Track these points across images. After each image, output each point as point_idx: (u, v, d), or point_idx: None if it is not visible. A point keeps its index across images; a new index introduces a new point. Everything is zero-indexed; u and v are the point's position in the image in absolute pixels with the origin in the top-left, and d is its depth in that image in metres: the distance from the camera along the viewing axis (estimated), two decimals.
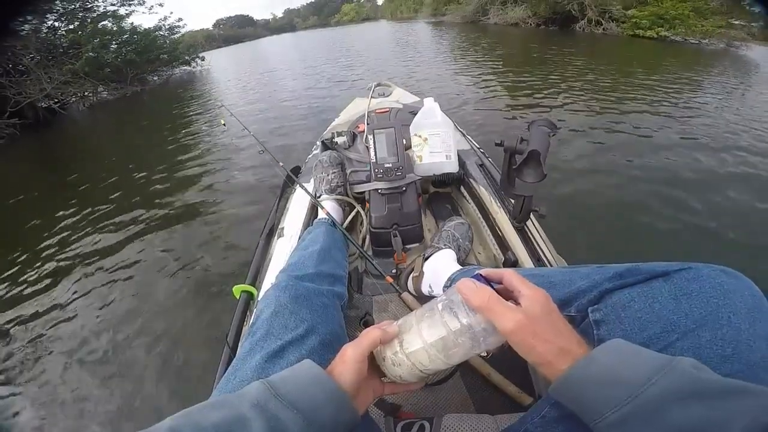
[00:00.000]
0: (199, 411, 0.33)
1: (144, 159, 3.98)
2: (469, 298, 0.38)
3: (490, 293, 0.37)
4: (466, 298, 0.38)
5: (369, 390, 0.43)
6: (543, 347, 0.35)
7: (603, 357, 0.33)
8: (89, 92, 9.14)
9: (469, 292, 0.38)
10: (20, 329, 1.75)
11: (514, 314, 0.35)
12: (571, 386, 0.33)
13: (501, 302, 0.37)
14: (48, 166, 4.47)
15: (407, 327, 0.42)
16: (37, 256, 2.35)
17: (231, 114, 2.07)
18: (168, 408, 1.26)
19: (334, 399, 0.36)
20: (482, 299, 0.37)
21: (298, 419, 0.33)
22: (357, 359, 0.40)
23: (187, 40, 14.56)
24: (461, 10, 16.59)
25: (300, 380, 0.37)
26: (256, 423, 0.32)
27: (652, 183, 2.27)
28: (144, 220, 2.51)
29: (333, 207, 1.09)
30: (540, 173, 0.83)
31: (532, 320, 0.35)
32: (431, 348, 0.39)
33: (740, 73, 5.48)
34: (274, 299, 0.60)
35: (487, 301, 0.37)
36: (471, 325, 0.38)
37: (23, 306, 1.91)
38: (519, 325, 0.35)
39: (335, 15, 69.22)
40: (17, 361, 1.57)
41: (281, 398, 0.34)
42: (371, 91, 1.60)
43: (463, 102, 4.12)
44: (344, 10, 65.56)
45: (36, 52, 8.03)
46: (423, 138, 0.99)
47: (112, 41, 9.82)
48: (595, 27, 10.20)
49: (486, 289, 0.38)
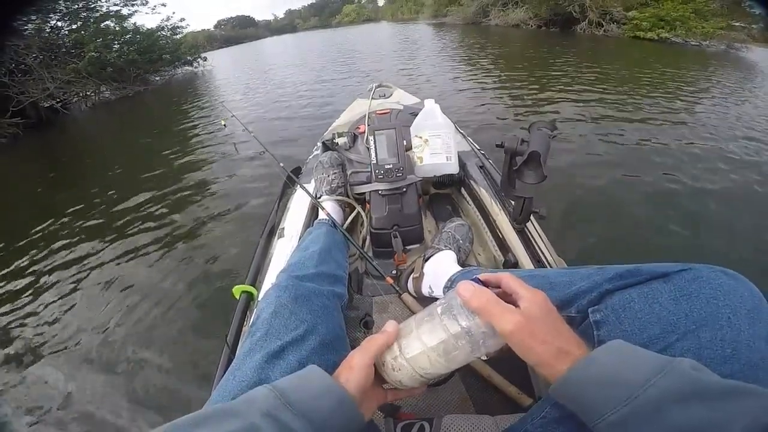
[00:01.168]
0: (208, 420, 0.33)
1: (145, 159, 3.99)
2: (468, 301, 0.38)
3: (489, 295, 0.38)
4: (464, 300, 0.38)
5: (373, 397, 0.43)
6: (542, 348, 0.35)
7: (603, 358, 0.33)
8: (92, 92, 9.18)
9: (467, 295, 0.38)
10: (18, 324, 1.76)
11: (512, 316, 0.36)
12: (570, 387, 0.33)
13: (500, 304, 0.37)
14: (49, 166, 4.46)
15: (407, 331, 0.42)
16: (34, 253, 2.36)
17: (232, 115, 2.07)
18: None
19: (344, 408, 0.36)
20: (481, 301, 0.37)
21: (309, 429, 0.33)
22: (364, 365, 0.40)
23: (189, 41, 14.57)
24: (462, 12, 16.64)
25: (310, 389, 0.37)
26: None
27: (653, 184, 2.27)
28: (142, 222, 2.52)
29: (333, 208, 1.09)
30: (540, 175, 0.83)
31: (531, 321, 0.36)
32: (431, 352, 0.39)
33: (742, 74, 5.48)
34: (275, 299, 0.60)
35: (485, 303, 0.37)
36: (470, 328, 0.38)
37: (21, 301, 1.92)
38: (517, 327, 0.35)
39: (336, 16, 69.42)
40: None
41: (292, 407, 0.34)
42: (372, 93, 1.60)
43: (464, 103, 4.12)
44: (345, 11, 65.76)
45: (39, 51, 8.06)
46: (423, 139, 1.00)
47: (114, 41, 9.87)
48: (596, 29, 10.23)
49: (485, 291, 0.38)
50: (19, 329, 1.75)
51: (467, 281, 0.40)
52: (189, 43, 14.32)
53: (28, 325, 1.76)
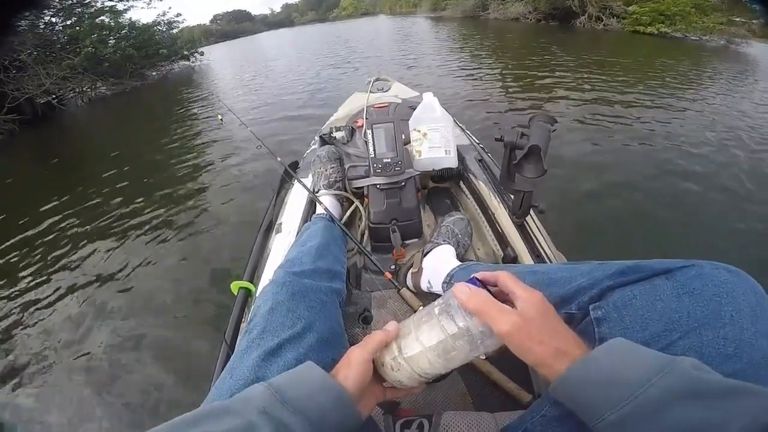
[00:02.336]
0: (205, 418, 0.33)
1: (142, 154, 3.97)
2: (465, 303, 0.38)
3: (485, 296, 0.38)
4: (461, 302, 0.38)
5: (372, 394, 0.43)
6: (539, 349, 0.35)
7: (602, 357, 0.33)
8: (88, 87, 9.12)
9: (464, 297, 0.38)
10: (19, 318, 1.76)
11: (509, 317, 0.36)
12: (569, 387, 0.33)
13: (496, 305, 0.37)
14: (46, 164, 4.46)
15: (405, 332, 0.42)
16: (34, 247, 2.39)
17: (228, 110, 2.05)
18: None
19: (341, 404, 0.36)
20: (477, 303, 0.37)
21: (306, 426, 0.33)
22: (363, 361, 0.40)
23: (185, 36, 14.41)
24: (461, 5, 16.48)
25: (306, 386, 0.37)
26: (264, 430, 0.31)
27: (655, 178, 2.27)
28: (140, 217, 2.52)
29: (331, 202, 1.08)
30: (540, 168, 0.82)
31: (527, 322, 0.36)
32: (430, 352, 0.39)
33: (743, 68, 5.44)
34: (272, 296, 0.59)
35: (481, 305, 0.37)
36: (468, 329, 0.38)
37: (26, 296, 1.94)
38: (514, 328, 0.35)
39: (333, 10, 68.72)
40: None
41: (288, 404, 0.34)
42: (370, 86, 1.58)
43: (463, 96, 4.09)
44: (343, 5, 65.05)
45: (34, 47, 7.99)
46: (422, 133, 0.98)
47: (110, 36, 9.78)
48: (596, 23, 10.15)
49: (481, 293, 0.38)
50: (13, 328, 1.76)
51: (463, 283, 0.40)
52: (185, 38, 14.16)
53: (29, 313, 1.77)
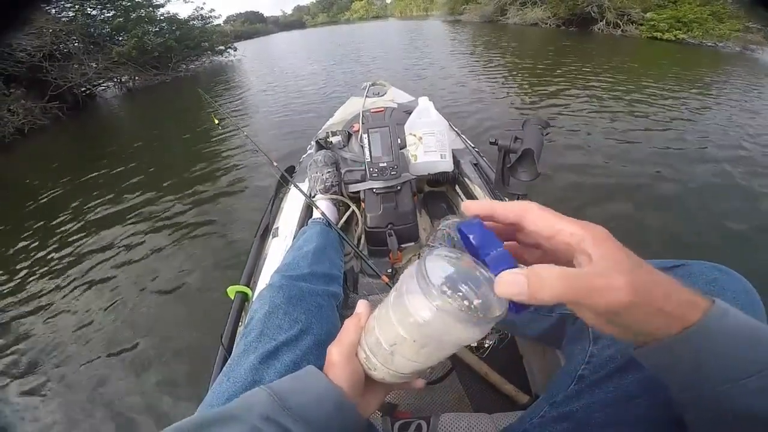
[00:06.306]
0: (212, 423, 0.32)
1: (173, 148, 4.20)
2: (534, 295, 0.25)
3: (556, 270, 0.25)
4: (510, 295, 0.26)
5: (372, 392, 0.39)
6: (668, 304, 0.24)
7: (737, 312, 0.25)
8: (128, 78, 9.42)
9: (515, 289, 0.25)
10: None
11: (615, 279, 0.23)
12: (703, 340, 0.24)
13: (584, 275, 0.24)
14: (85, 152, 4.69)
15: (370, 327, 0.35)
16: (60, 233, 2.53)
17: (227, 116, 2.07)
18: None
19: (343, 411, 0.35)
20: (561, 285, 0.24)
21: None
22: (344, 359, 0.36)
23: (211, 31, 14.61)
24: (480, 9, 16.42)
25: (308, 392, 0.36)
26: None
27: (664, 182, 2.30)
28: (158, 211, 2.59)
29: (328, 207, 1.09)
30: (534, 171, 0.83)
31: (634, 273, 0.23)
32: (396, 353, 0.33)
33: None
34: (268, 299, 0.59)
35: (565, 287, 0.24)
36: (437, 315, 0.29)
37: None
38: (632, 288, 0.23)
39: (345, 12, 69.19)
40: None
41: (290, 411, 0.33)
42: (366, 91, 1.59)
43: (466, 100, 4.14)
44: (354, 8, 65.57)
45: (80, 38, 8.28)
46: (418, 137, 0.99)
47: (154, 27, 10.22)
48: (614, 29, 10.32)
49: (545, 268, 0.25)
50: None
51: (507, 271, 0.26)
52: (220, 33, 14.59)
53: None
